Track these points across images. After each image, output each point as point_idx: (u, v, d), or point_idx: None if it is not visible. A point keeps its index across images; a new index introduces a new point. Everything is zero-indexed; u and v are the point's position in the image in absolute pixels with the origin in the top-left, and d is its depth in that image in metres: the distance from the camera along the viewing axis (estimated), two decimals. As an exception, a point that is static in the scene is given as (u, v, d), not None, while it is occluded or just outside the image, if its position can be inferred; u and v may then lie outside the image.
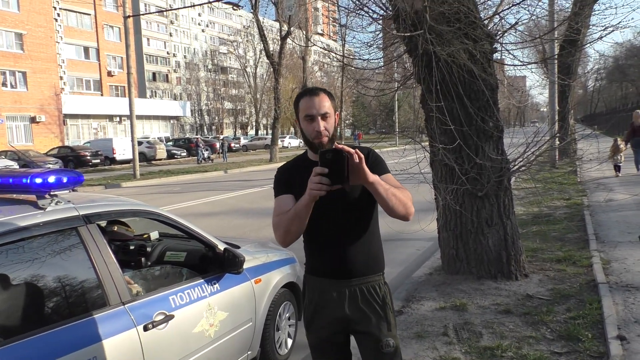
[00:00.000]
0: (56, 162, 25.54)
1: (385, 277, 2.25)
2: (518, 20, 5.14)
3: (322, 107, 2.10)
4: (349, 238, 2.12)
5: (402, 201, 2.00)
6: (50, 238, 2.43)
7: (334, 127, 2.15)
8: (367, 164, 1.92)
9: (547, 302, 4.58)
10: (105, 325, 2.40)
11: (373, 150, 2.21)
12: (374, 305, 2.14)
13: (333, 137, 2.13)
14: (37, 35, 37.19)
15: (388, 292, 2.21)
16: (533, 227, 7.83)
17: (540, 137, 5.61)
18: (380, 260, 2.23)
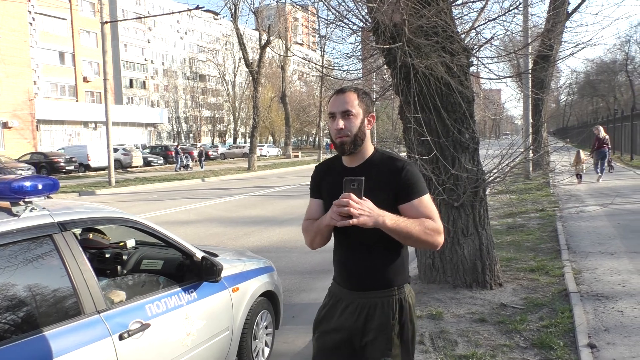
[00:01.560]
0: (28, 169, 24.95)
1: (404, 292, 2.09)
2: (494, 35, 5.28)
3: (344, 105, 2.04)
4: (361, 252, 2.07)
5: (422, 240, 1.94)
6: (23, 245, 2.39)
7: (358, 128, 2.04)
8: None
9: (520, 311, 4.67)
10: (80, 334, 2.36)
11: (408, 167, 2.02)
12: (377, 321, 2.05)
13: (357, 139, 2.04)
14: (11, 39, 36.44)
15: (397, 310, 2.05)
16: (507, 237, 7.97)
17: (514, 149, 5.74)
18: (393, 275, 2.06)
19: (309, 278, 6.60)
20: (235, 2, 28.45)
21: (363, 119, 2.06)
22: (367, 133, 2.09)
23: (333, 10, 5.06)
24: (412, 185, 1.99)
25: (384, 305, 2.05)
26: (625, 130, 24.46)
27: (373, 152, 2.12)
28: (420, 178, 2.03)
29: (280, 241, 8.89)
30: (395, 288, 2.06)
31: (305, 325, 4.96)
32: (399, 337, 2.04)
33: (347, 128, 2.03)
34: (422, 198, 2.00)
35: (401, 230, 1.91)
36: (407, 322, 2.06)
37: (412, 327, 2.09)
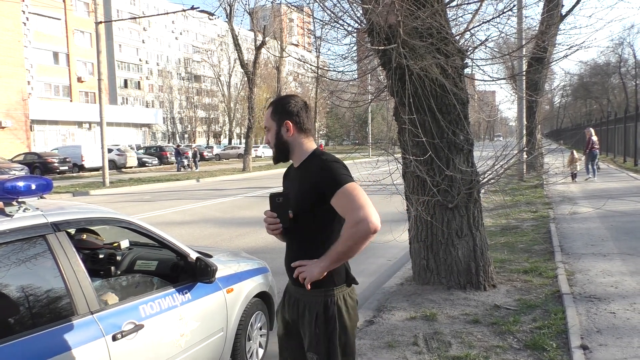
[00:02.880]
0: (22, 169, 24.81)
1: (333, 295, 2.17)
2: (488, 37, 5.30)
3: (264, 121, 2.34)
4: (297, 251, 2.25)
5: (355, 247, 2.03)
6: (16, 246, 2.38)
7: (275, 138, 2.28)
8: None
9: (514, 312, 4.69)
10: (73, 335, 2.35)
11: (328, 163, 2.15)
12: (307, 318, 2.19)
13: (278, 147, 2.29)
14: (4, 39, 36.23)
15: (322, 312, 2.16)
16: (501, 238, 8.00)
17: (508, 151, 5.77)
18: (327, 275, 2.13)
19: (304, 279, 6.60)
20: (230, 2, 28.43)
21: (278, 129, 2.27)
22: (291, 139, 2.26)
23: (328, 11, 5.07)
24: (332, 178, 2.09)
25: (311, 304, 2.18)
26: (618, 132, 24.61)
27: (312, 153, 2.27)
28: (340, 171, 2.11)
29: (275, 242, 8.85)
30: (323, 290, 2.16)
31: (300, 326, 4.97)
32: (324, 335, 2.15)
33: (269, 140, 2.32)
34: (341, 189, 2.06)
35: (336, 257, 2.07)
36: (334, 323, 2.15)
37: (340, 329, 2.16)
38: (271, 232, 2.27)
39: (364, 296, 5.81)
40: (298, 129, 2.27)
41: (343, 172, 2.11)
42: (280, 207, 2.20)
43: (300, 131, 2.27)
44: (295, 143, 2.26)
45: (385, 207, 11.03)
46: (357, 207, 2.01)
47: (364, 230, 1.99)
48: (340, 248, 2.04)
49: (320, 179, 2.12)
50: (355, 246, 2.03)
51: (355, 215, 2.00)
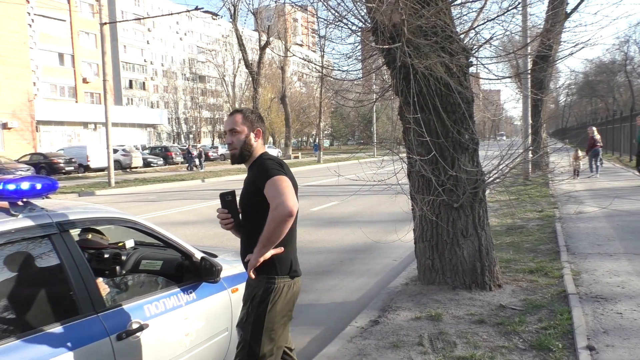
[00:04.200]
0: (28, 169, 24.94)
1: (277, 281, 2.52)
2: (493, 35, 5.28)
3: (231, 124, 2.62)
4: (247, 243, 2.60)
5: (277, 230, 2.34)
6: (22, 245, 2.38)
7: (243, 142, 2.60)
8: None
9: (519, 312, 4.66)
10: (78, 334, 2.35)
11: (262, 160, 2.56)
12: (246, 297, 2.59)
13: (243, 151, 2.61)
14: (10, 40, 36.42)
15: (260, 294, 2.50)
16: (507, 238, 7.97)
17: (514, 150, 5.74)
18: (262, 266, 2.48)
19: (309, 279, 6.59)
20: (234, 2, 28.48)
21: (248, 133, 2.62)
22: (255, 144, 2.64)
23: (332, 10, 5.06)
24: (262, 172, 2.45)
25: (254, 287, 2.55)
26: (624, 131, 24.45)
27: (259, 155, 2.64)
28: (271, 166, 2.47)
29: (279, 242, 8.86)
30: (266, 276, 2.51)
31: (304, 325, 4.96)
32: (254, 315, 2.50)
33: (235, 143, 2.61)
34: (269, 180, 2.40)
35: (265, 241, 2.39)
36: (265, 307, 2.48)
37: (270, 314, 2.49)
38: (225, 227, 2.66)
39: (368, 296, 5.80)
40: (262, 136, 2.70)
41: (273, 167, 2.46)
42: (230, 204, 2.60)
43: (262, 138, 2.69)
44: (256, 148, 2.65)
45: (390, 207, 11.04)
46: (278, 194, 2.34)
47: (280, 213, 2.30)
48: (265, 232, 2.37)
49: (257, 174, 2.49)
50: (276, 228, 2.34)
51: (275, 201, 2.34)
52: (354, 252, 8.10)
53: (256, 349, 2.49)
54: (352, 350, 4.01)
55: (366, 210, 12.96)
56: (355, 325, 4.58)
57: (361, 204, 13.71)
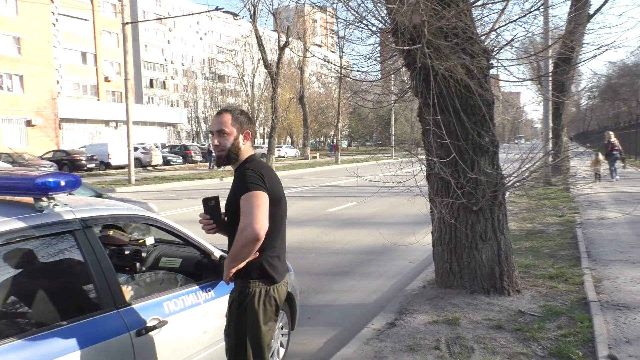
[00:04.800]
0: (51, 166, 25.42)
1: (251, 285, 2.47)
2: (514, 37, 5.21)
3: (219, 125, 2.52)
4: (231, 244, 2.51)
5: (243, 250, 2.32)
6: (46, 240, 2.43)
7: (232, 144, 2.51)
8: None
9: (538, 318, 4.60)
10: (98, 329, 2.39)
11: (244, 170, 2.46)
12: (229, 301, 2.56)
13: (230, 153, 2.52)
14: (35, 39, 37.19)
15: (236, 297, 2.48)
16: (526, 243, 7.87)
17: (534, 154, 5.66)
18: (244, 269, 2.44)
19: (326, 280, 6.59)
20: (254, 3, 28.59)
21: (237, 135, 2.52)
22: (243, 147, 2.54)
23: (352, 11, 5.06)
24: (242, 184, 2.40)
25: (232, 292, 2.55)
26: (648, 135, 23.96)
27: (245, 160, 2.55)
28: (250, 179, 2.38)
29: (297, 242, 8.90)
30: (240, 280, 2.48)
31: (321, 326, 4.97)
32: (236, 321, 2.47)
33: (222, 144, 2.51)
34: (245, 195, 2.34)
35: (232, 257, 2.39)
36: (243, 311, 2.45)
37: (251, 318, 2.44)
38: (207, 231, 2.63)
39: (385, 298, 5.78)
40: (251, 138, 2.60)
41: (252, 181, 2.37)
42: (213, 209, 2.60)
43: (250, 140, 2.59)
44: (244, 150, 2.55)
45: (409, 209, 10.98)
46: (248, 214, 2.28)
47: (247, 236, 2.27)
48: (233, 248, 2.38)
49: (238, 184, 2.44)
50: (243, 249, 2.32)
51: (244, 221, 2.29)
52: (371, 254, 8.08)
53: (242, 355, 2.46)
54: (368, 353, 4.00)
55: (384, 211, 12.92)
56: (371, 327, 4.56)
57: (379, 205, 13.66)
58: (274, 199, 2.45)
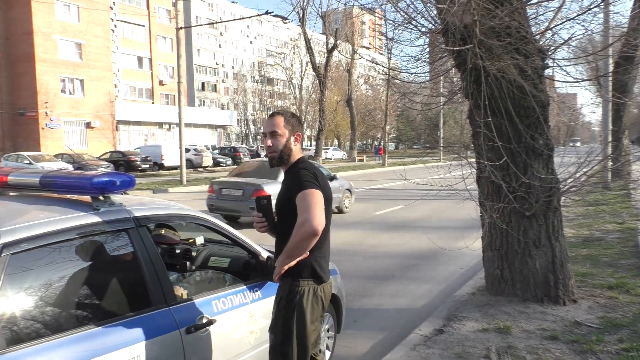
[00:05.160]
0: (108, 166, 26.54)
1: (300, 283, 2.53)
2: (572, 35, 4.99)
3: (272, 127, 2.60)
4: (281, 245, 2.58)
5: (301, 244, 2.39)
6: (101, 238, 2.52)
7: (284, 145, 2.59)
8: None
9: (597, 330, 4.38)
10: (151, 325, 2.45)
11: (298, 170, 2.54)
12: (275, 301, 2.63)
13: (282, 154, 2.60)
14: (95, 45, 39.01)
15: (285, 296, 2.53)
16: (583, 250, 7.53)
17: (592, 157, 5.41)
18: (294, 268, 2.50)
19: (372, 283, 6.54)
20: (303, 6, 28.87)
21: (289, 137, 2.61)
22: (294, 148, 2.63)
23: (401, 12, 5.00)
24: (296, 182, 2.47)
25: (280, 289, 2.60)
26: None
27: (296, 161, 2.63)
28: (304, 178, 2.46)
29: (343, 244, 8.88)
30: (290, 278, 2.53)
31: (367, 330, 4.93)
32: (283, 318, 2.52)
33: (275, 146, 2.59)
34: (301, 193, 2.41)
35: (288, 253, 2.45)
36: (292, 309, 2.50)
37: (298, 316, 2.50)
38: (259, 229, 2.71)
39: (433, 304, 5.67)
40: (301, 140, 2.68)
41: (308, 180, 2.45)
42: (265, 208, 2.67)
43: (300, 143, 2.67)
44: (295, 152, 2.64)
45: (457, 213, 10.75)
46: (305, 210, 2.36)
47: (305, 231, 2.34)
48: (290, 244, 2.43)
49: (291, 183, 2.51)
50: (300, 244, 2.39)
51: (301, 217, 2.36)
52: (418, 258, 7.96)
53: (288, 352, 2.50)
54: (415, 359, 3.93)
55: (432, 215, 12.70)
56: (419, 333, 4.48)
57: (427, 209, 13.45)
58: (326, 199, 2.52)
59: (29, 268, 2.21)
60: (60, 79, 36.99)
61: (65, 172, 2.88)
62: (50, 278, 2.29)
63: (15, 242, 2.10)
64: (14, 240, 2.11)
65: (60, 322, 2.26)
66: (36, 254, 2.20)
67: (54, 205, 2.64)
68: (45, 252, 2.24)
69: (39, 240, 2.19)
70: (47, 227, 2.25)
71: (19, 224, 2.22)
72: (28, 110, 35.79)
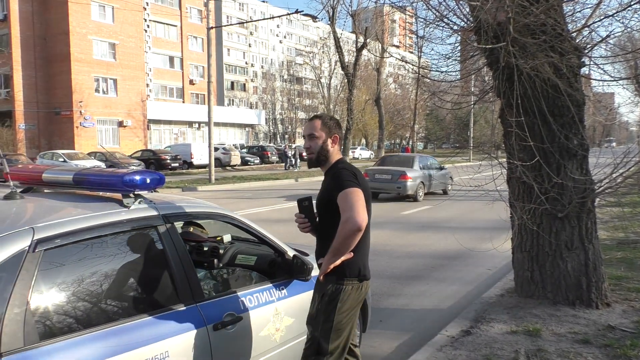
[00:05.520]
0: (139, 164, 27.08)
1: (345, 282, 2.62)
2: (610, 33, 4.84)
3: (310, 130, 2.75)
4: (322, 245, 2.72)
5: (346, 242, 2.47)
6: (132, 234, 2.57)
7: (320, 147, 2.73)
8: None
9: (631, 335, 4.25)
10: (179, 321, 2.48)
11: (337, 171, 2.65)
12: (317, 297, 2.72)
13: (320, 155, 2.74)
14: (128, 45, 39.85)
15: (328, 294, 2.63)
16: (618, 253, 7.31)
17: (629, 158, 5.24)
18: (339, 267, 2.58)
19: (398, 283, 6.49)
20: (333, 5, 28.80)
21: (326, 139, 2.74)
22: (332, 149, 2.75)
23: (433, 10, 4.94)
24: (337, 182, 2.57)
25: (323, 286, 2.67)
26: None
27: (335, 162, 2.75)
28: (346, 177, 2.56)
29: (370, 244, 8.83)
30: (335, 277, 2.62)
31: (393, 330, 4.89)
32: (324, 313, 2.63)
33: (312, 147, 2.74)
34: (342, 192, 2.51)
35: (334, 251, 2.52)
36: (334, 306, 2.60)
37: (338, 312, 2.60)
38: (302, 230, 2.84)
39: (460, 305, 5.60)
40: (339, 142, 2.81)
41: (348, 179, 2.55)
42: (307, 209, 2.78)
43: (338, 144, 2.80)
44: (333, 153, 2.76)
45: (487, 214, 10.58)
46: (349, 208, 2.45)
47: (349, 228, 2.42)
48: (335, 242, 2.50)
49: (332, 183, 2.61)
50: (345, 241, 2.46)
51: (345, 214, 2.44)
52: (446, 259, 7.86)
53: (325, 346, 2.61)
54: (441, 360, 3.88)
55: (460, 216, 12.53)
56: (445, 334, 4.43)
57: (455, 209, 13.27)
58: (366, 198, 2.61)
59: (62, 264, 2.26)
60: (94, 79, 37.92)
61: (98, 170, 2.94)
62: (81, 274, 2.34)
63: (48, 238, 2.16)
64: (48, 236, 2.16)
65: (90, 317, 2.31)
66: (68, 250, 2.25)
67: (86, 202, 2.70)
68: (77, 248, 2.29)
69: (71, 236, 2.24)
70: (79, 224, 2.30)
71: (52, 220, 2.27)
72: (63, 109, 36.82)
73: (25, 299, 2.01)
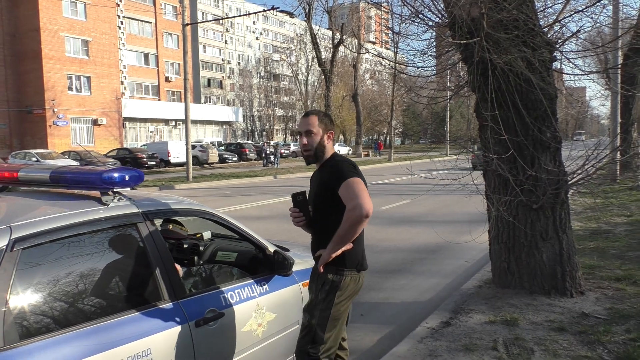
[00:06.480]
0: (115, 163, 26.64)
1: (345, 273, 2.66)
2: (580, 28, 4.96)
3: (307, 126, 2.75)
4: (317, 238, 2.78)
5: (352, 230, 2.49)
6: (110, 232, 2.55)
7: (318, 143, 2.74)
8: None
9: (604, 321, 4.38)
10: (160, 319, 2.48)
11: (335, 163, 2.68)
12: (315, 286, 2.73)
13: (317, 152, 2.75)
14: (102, 42, 39.13)
15: (329, 283, 2.66)
16: (590, 243, 7.51)
17: (601, 150, 5.38)
18: (339, 257, 2.62)
19: (378, 277, 6.56)
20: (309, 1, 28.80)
21: (322, 135, 2.76)
22: (327, 145, 2.78)
23: (408, 6, 5.00)
24: (337, 174, 2.59)
25: (323, 276, 2.69)
26: None
27: (330, 156, 2.77)
28: (344, 168, 2.59)
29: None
30: (335, 267, 2.66)
31: (374, 324, 4.95)
32: (323, 302, 2.67)
33: (310, 144, 2.74)
34: (345, 182, 2.53)
35: (339, 239, 2.54)
36: (333, 295, 2.65)
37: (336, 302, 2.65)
38: (296, 224, 2.82)
39: (439, 297, 5.68)
40: (333, 138, 2.84)
41: (349, 169, 2.58)
42: (301, 203, 2.76)
43: (332, 140, 2.83)
44: (328, 149, 2.78)
45: (464, 207, 10.74)
46: (355, 196, 2.47)
47: (357, 214, 2.43)
48: (340, 230, 2.51)
49: (330, 176, 2.62)
50: (352, 228, 2.48)
51: (352, 202, 2.46)
52: (425, 252, 7.96)
53: (321, 334, 2.66)
54: (422, 351, 3.94)
55: (438, 209, 12.69)
56: (426, 325, 4.50)
57: (433, 203, 13.43)
58: None
59: (40, 263, 2.23)
60: (67, 76, 37.15)
61: (75, 167, 2.91)
62: (60, 273, 2.32)
63: (26, 237, 2.13)
64: (25, 235, 2.14)
65: (71, 315, 2.29)
66: (47, 249, 2.23)
67: (64, 200, 2.67)
68: (55, 246, 2.27)
69: (50, 235, 2.22)
70: (57, 222, 2.28)
71: (30, 219, 2.25)
72: (35, 108, 36.00)
73: (4, 298, 1.99)
